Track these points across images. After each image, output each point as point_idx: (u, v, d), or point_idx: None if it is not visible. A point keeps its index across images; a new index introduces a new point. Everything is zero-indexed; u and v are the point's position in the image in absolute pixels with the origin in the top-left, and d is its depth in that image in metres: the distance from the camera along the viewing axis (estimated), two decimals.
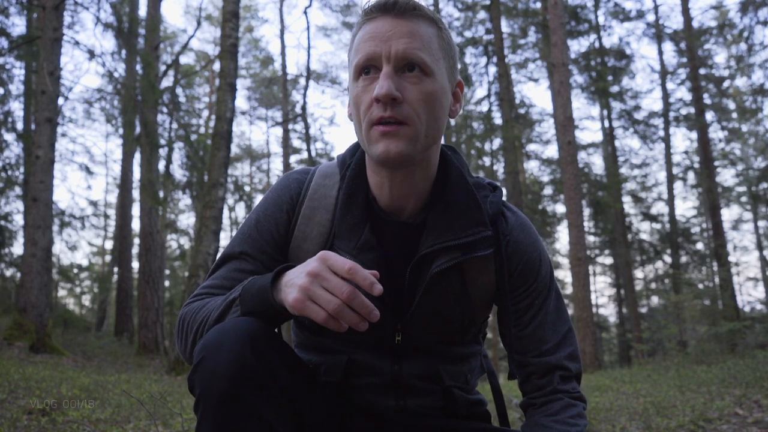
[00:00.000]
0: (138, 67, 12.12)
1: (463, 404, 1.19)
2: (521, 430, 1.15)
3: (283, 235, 1.12)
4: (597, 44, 17.13)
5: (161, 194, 11.95)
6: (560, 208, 18.16)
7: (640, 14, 17.24)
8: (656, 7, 17.38)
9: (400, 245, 1.09)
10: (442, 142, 1.14)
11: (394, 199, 1.08)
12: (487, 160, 18.20)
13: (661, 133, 18.13)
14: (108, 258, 23.20)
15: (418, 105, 0.99)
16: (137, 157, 13.36)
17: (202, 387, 0.89)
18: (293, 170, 1.18)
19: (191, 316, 1.05)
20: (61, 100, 9.94)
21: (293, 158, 23.26)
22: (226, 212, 20.70)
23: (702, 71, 15.59)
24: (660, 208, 19.42)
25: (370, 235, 1.07)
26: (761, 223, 22.38)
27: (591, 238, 19.52)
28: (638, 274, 21.42)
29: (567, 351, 1.16)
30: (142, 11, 13.49)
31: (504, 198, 1.18)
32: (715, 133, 18.01)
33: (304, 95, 17.57)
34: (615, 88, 17.43)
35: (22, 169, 12.72)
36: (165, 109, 12.27)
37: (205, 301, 1.07)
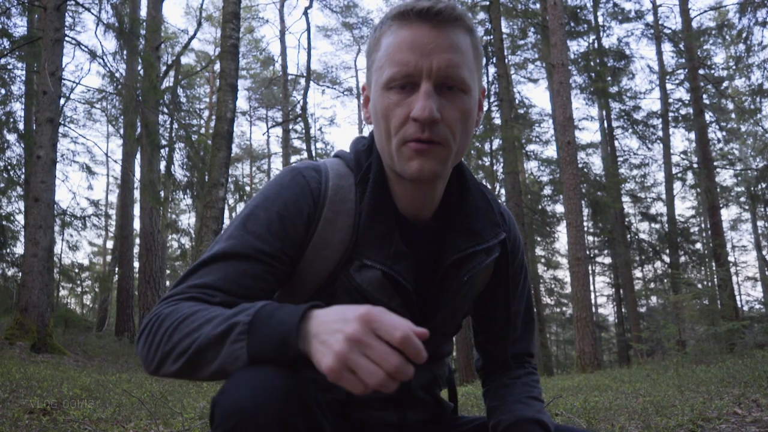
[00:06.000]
0: (139, 68, 12.15)
1: (446, 413, 1.20)
2: (484, 394, 1.22)
3: (302, 240, 1.00)
4: (596, 45, 17.16)
5: (162, 194, 11.97)
6: (560, 208, 18.21)
7: (639, 15, 17.27)
8: (655, 8, 17.41)
9: (425, 251, 1.07)
10: None
11: (413, 206, 1.06)
12: (486, 160, 18.22)
13: (660, 133, 18.15)
14: (109, 258, 23.22)
15: (455, 124, 0.95)
16: (138, 158, 13.39)
17: None
18: (300, 165, 1.06)
19: (176, 321, 0.85)
20: (62, 101, 9.94)
21: (293, 158, 23.29)
22: (226, 212, 20.68)
23: (701, 72, 15.60)
24: (659, 208, 19.45)
25: (401, 242, 1.02)
26: (760, 223, 22.42)
27: (590, 238, 19.55)
28: (637, 273, 21.47)
29: (533, 336, 1.26)
30: (143, 12, 13.53)
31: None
32: (714, 134, 18.02)
33: (304, 96, 17.60)
34: (614, 89, 17.45)
35: (23, 170, 12.74)
36: (166, 110, 12.29)
37: (196, 306, 0.87)
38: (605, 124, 18.36)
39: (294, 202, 0.99)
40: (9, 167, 12.92)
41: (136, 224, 15.13)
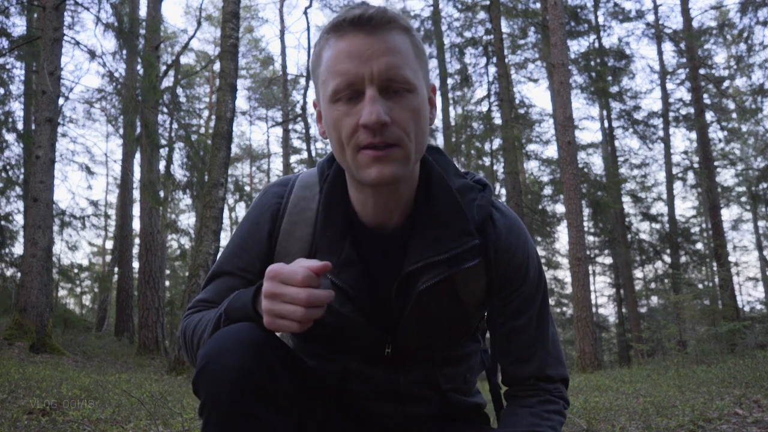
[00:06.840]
0: (139, 68, 12.14)
1: (461, 409, 1.19)
2: (499, 415, 1.17)
3: (266, 252, 1.11)
4: (596, 44, 17.15)
5: (162, 194, 11.96)
6: (560, 208, 18.18)
7: (640, 14, 17.26)
8: (656, 7, 17.40)
9: (384, 259, 1.07)
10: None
11: (378, 214, 1.05)
12: (487, 160, 18.22)
13: (661, 133, 18.15)
14: (108, 258, 23.22)
15: (407, 124, 0.94)
16: (138, 157, 13.38)
17: (206, 394, 0.91)
18: (271, 184, 1.16)
19: (191, 330, 1.09)
20: (61, 101, 9.94)
21: (293, 158, 23.28)
22: (226, 212, 20.69)
23: (702, 71, 15.60)
24: (659, 208, 19.45)
25: (351, 250, 1.04)
26: (761, 223, 22.43)
27: (590, 238, 19.53)
28: (638, 274, 21.45)
29: (551, 356, 1.16)
30: (143, 11, 13.53)
31: (493, 197, 1.13)
32: (715, 133, 18.02)
33: (304, 95, 17.61)
34: (615, 89, 17.44)
35: (22, 169, 12.73)
36: (165, 110, 12.29)
37: (201, 314, 1.10)
38: (605, 124, 18.36)
39: (256, 221, 1.13)
40: (8, 167, 12.93)
41: (136, 224, 15.14)
